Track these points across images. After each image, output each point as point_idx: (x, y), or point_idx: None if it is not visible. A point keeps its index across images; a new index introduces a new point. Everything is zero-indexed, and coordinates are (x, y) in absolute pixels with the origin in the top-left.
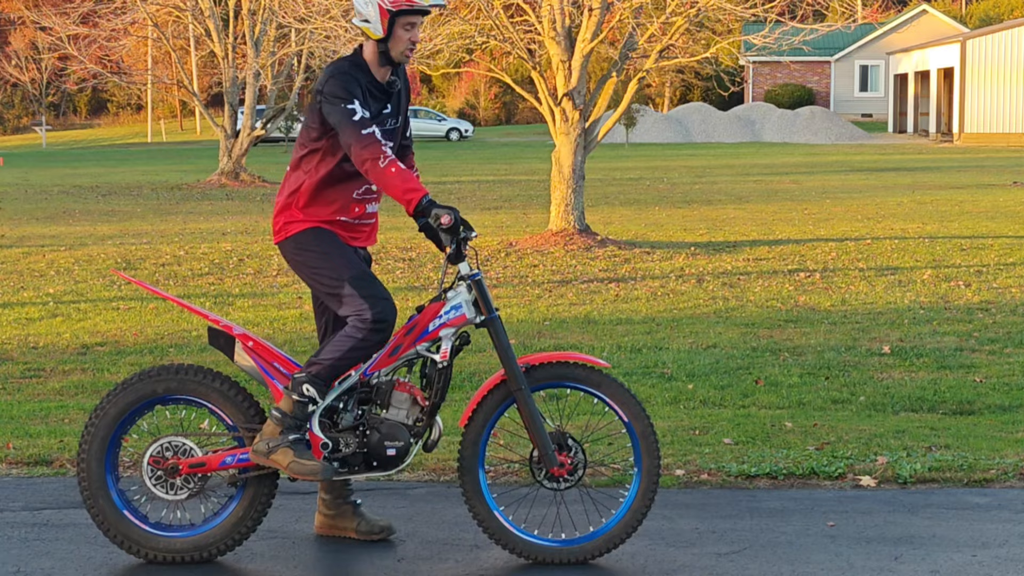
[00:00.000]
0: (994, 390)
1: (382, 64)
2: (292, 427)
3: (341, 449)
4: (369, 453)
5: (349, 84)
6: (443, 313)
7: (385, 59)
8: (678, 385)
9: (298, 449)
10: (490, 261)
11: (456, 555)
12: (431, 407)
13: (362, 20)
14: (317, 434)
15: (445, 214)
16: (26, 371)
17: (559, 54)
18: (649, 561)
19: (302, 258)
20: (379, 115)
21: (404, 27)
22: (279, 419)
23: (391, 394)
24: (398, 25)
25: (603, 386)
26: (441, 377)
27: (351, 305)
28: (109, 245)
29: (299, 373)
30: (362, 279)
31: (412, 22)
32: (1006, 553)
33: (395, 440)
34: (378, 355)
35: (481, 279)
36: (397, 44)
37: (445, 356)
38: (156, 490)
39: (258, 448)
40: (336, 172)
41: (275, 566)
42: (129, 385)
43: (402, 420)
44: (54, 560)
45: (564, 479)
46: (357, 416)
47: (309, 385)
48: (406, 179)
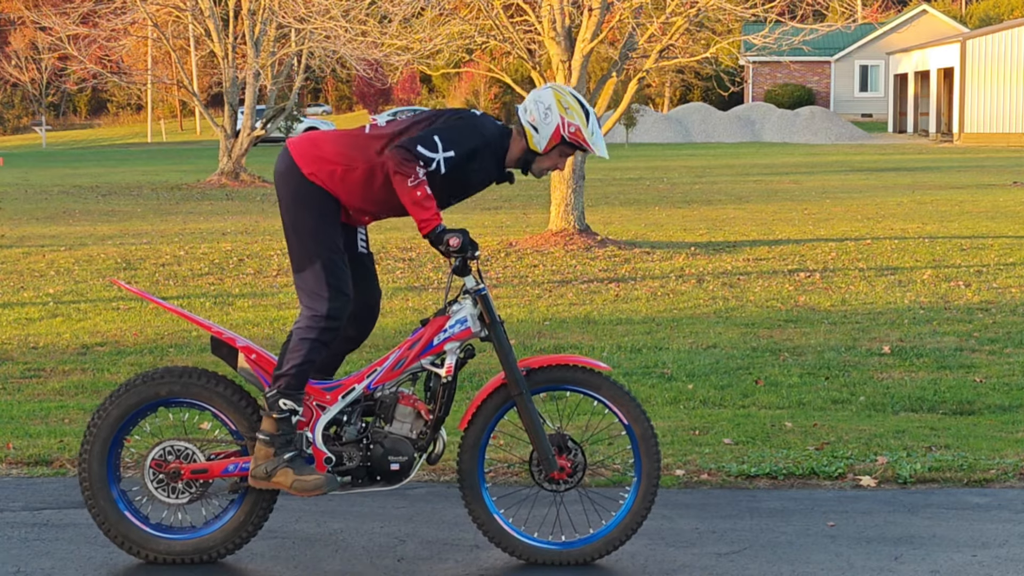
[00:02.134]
0: (994, 390)
1: (514, 164)
2: (284, 444)
3: (344, 463)
4: (373, 467)
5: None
6: (448, 327)
7: (521, 164)
8: (678, 385)
9: (297, 466)
10: (490, 261)
11: (456, 555)
12: (435, 421)
13: (530, 123)
14: (320, 448)
15: (454, 236)
16: (26, 371)
17: (559, 54)
18: (649, 561)
19: (297, 206)
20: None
21: (561, 153)
22: (268, 441)
23: (395, 408)
24: (557, 150)
25: (603, 389)
26: (445, 391)
27: (310, 297)
28: (109, 245)
29: (270, 392)
30: (330, 269)
31: (570, 153)
32: (1006, 553)
33: (399, 455)
34: (382, 369)
35: (487, 293)
36: (543, 163)
37: (450, 371)
38: (157, 493)
39: (256, 474)
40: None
41: (275, 566)
42: (132, 387)
43: (406, 434)
44: (54, 560)
45: (564, 481)
46: (360, 429)
47: (284, 399)
48: (427, 207)
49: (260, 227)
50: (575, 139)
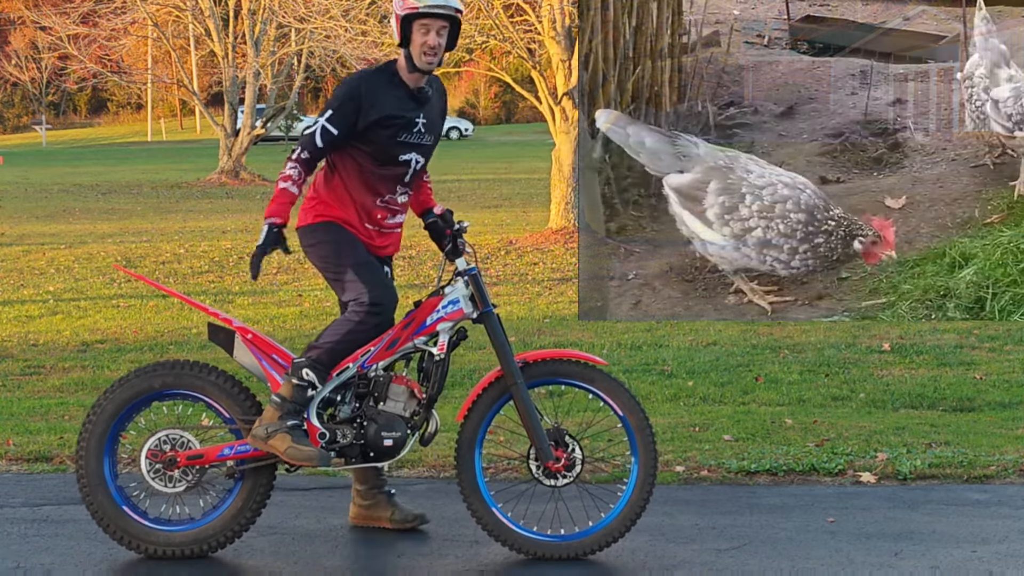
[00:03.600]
0: (994, 387)
1: (410, 70)
2: (291, 412)
3: (338, 440)
4: (366, 444)
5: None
6: (440, 308)
7: (411, 65)
8: (678, 382)
9: (296, 435)
10: (490, 259)
11: (456, 551)
12: (428, 400)
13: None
14: (315, 424)
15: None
16: (26, 368)
17: (559, 54)
18: (649, 557)
19: (315, 245)
20: (411, 125)
21: (419, 31)
22: (279, 404)
23: (388, 387)
24: (413, 29)
25: (597, 382)
26: (438, 370)
27: (352, 290)
28: (109, 243)
29: (299, 358)
30: (365, 267)
31: (427, 25)
32: (1006, 549)
33: (392, 431)
34: (376, 348)
35: (477, 274)
36: (414, 49)
37: (442, 349)
38: (154, 483)
39: (256, 433)
40: (361, 178)
41: (275, 562)
42: (126, 382)
43: (399, 412)
44: (54, 556)
45: (561, 475)
46: (354, 409)
47: (309, 369)
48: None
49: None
50: (407, 8)
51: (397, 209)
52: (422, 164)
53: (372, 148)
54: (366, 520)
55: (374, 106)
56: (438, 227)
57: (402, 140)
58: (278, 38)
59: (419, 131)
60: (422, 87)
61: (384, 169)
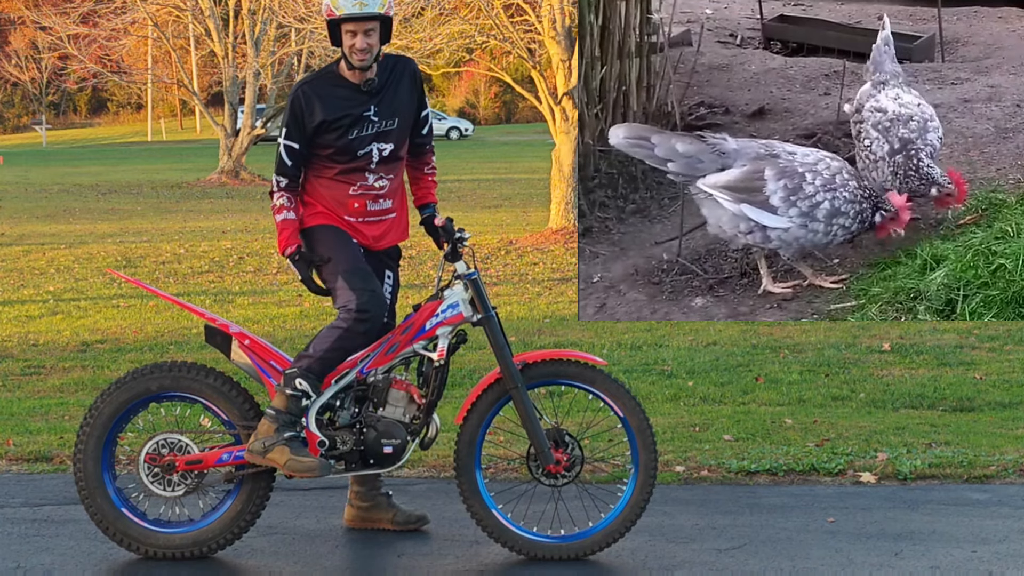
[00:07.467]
0: (994, 387)
1: (349, 68)
2: (287, 424)
3: (338, 447)
4: (366, 451)
5: (286, 105)
6: (440, 312)
7: (349, 64)
8: (678, 382)
9: (294, 446)
10: (490, 259)
11: (456, 551)
12: (428, 405)
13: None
14: (314, 432)
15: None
16: (26, 368)
17: (559, 54)
18: (649, 557)
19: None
20: (359, 121)
21: (346, 35)
22: (274, 417)
23: (388, 392)
24: (342, 32)
25: (597, 382)
26: (438, 375)
27: (342, 297)
28: (109, 243)
29: (290, 368)
30: (354, 274)
31: (352, 30)
32: (1006, 549)
33: (392, 438)
34: (375, 353)
35: (477, 278)
36: (345, 50)
37: (442, 355)
38: (153, 487)
39: (254, 448)
40: (328, 173)
41: (275, 562)
42: (123, 383)
43: (399, 418)
44: (54, 556)
45: (561, 475)
46: (354, 414)
47: (301, 379)
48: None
49: (260, 225)
50: (329, 14)
51: (378, 194)
52: (389, 150)
53: (329, 151)
54: (364, 522)
55: (313, 113)
56: (434, 225)
57: (354, 137)
58: (278, 38)
59: (372, 122)
60: (370, 79)
61: (348, 164)
